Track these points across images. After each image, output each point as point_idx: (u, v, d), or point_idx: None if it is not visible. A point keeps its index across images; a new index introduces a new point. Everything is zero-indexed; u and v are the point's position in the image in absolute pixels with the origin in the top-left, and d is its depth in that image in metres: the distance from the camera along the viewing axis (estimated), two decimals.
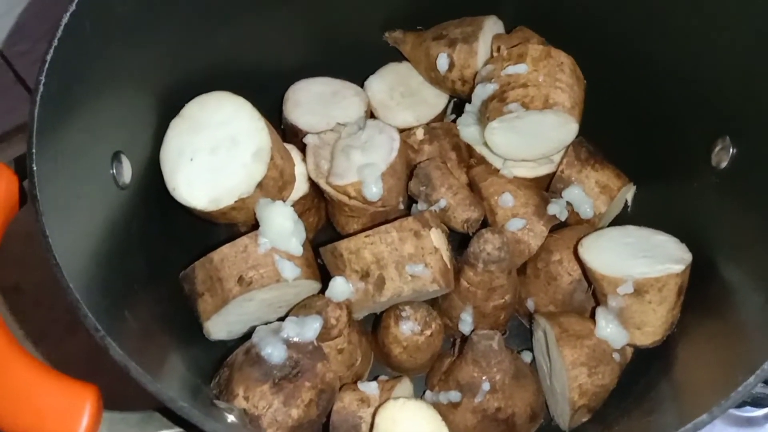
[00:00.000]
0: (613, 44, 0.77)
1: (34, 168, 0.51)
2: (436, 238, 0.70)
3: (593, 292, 0.72)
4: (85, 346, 0.92)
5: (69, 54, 0.57)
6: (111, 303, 0.53)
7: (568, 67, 0.74)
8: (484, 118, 0.76)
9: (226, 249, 0.69)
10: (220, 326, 0.71)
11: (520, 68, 0.74)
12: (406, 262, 0.69)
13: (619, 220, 0.83)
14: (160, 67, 0.70)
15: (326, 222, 0.84)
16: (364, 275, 0.69)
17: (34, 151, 0.52)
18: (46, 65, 0.55)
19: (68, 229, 0.53)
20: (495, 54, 0.79)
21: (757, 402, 0.78)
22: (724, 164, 0.67)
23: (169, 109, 0.72)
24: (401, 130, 0.80)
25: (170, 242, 0.74)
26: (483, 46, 0.81)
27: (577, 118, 0.74)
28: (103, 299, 0.52)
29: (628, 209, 0.84)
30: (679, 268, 0.66)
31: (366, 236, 0.69)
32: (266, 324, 0.72)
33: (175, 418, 0.49)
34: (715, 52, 0.67)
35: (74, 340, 0.93)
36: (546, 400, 0.74)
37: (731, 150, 0.66)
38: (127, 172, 0.66)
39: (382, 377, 0.74)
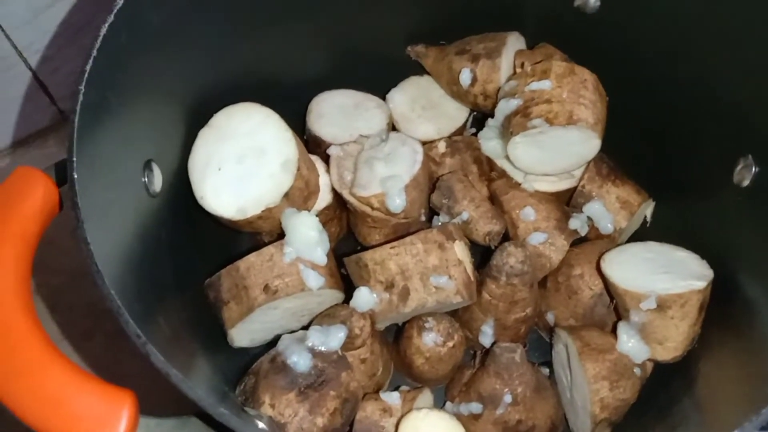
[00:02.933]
0: (635, 61, 0.78)
1: (75, 176, 0.52)
2: (460, 250, 0.71)
3: (615, 306, 0.73)
4: (101, 352, 0.93)
5: (106, 64, 0.58)
6: (145, 310, 0.54)
7: (591, 83, 0.75)
8: (507, 132, 0.77)
9: (252, 257, 0.70)
10: (243, 334, 0.72)
11: (544, 84, 0.75)
12: (430, 273, 0.69)
13: (638, 236, 0.84)
14: (189, 77, 0.71)
15: (347, 232, 0.85)
16: (389, 286, 0.70)
17: (74, 159, 0.52)
18: (86, 75, 0.56)
19: (105, 237, 0.54)
20: (518, 70, 0.80)
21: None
22: (746, 183, 0.68)
23: (198, 118, 0.73)
24: (423, 143, 0.81)
25: (195, 250, 0.75)
26: (506, 62, 0.82)
27: (599, 134, 0.75)
28: (139, 306, 0.52)
29: (647, 225, 0.85)
30: (701, 284, 0.66)
31: (391, 247, 0.70)
32: (289, 333, 0.72)
33: (210, 424, 0.50)
34: (738, 70, 0.68)
35: (90, 346, 0.93)
36: (565, 413, 0.75)
37: (753, 168, 0.67)
38: (158, 180, 0.67)
39: (404, 387, 0.75)
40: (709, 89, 0.71)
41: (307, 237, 0.71)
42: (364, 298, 0.70)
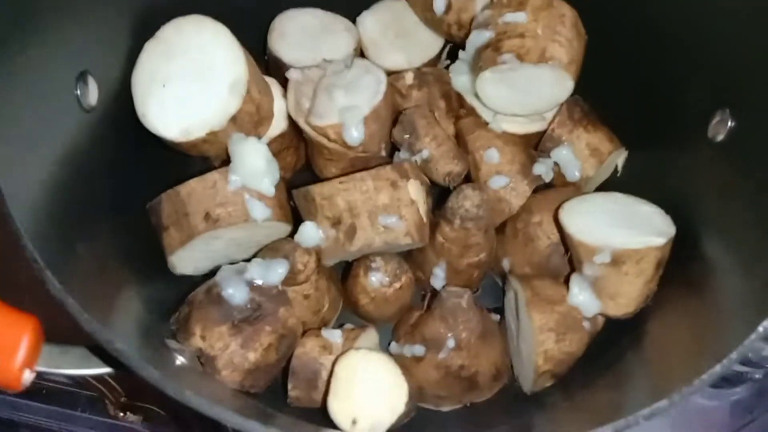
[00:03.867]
0: (618, 1, 0.72)
1: None
2: (414, 190, 0.68)
3: (569, 257, 0.70)
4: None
5: None
6: (60, 234, 0.51)
7: (569, 20, 0.70)
8: (476, 67, 0.73)
9: (193, 183, 0.66)
10: (185, 261, 0.69)
11: (519, 17, 0.70)
12: (379, 212, 0.66)
13: (608, 185, 0.80)
14: None
15: (305, 162, 0.81)
16: (336, 222, 0.67)
17: None
18: None
19: (18, 151, 0.50)
20: None
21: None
22: (720, 137, 0.64)
23: (144, 30, 0.68)
24: (390, 73, 0.76)
25: (140, 171, 0.71)
26: None
27: (573, 75, 0.70)
28: (52, 229, 0.49)
29: (618, 174, 0.81)
30: (660, 241, 0.63)
31: (340, 182, 0.67)
32: (234, 263, 0.70)
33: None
34: (721, 20, 0.63)
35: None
36: (512, 360, 0.73)
37: (729, 123, 0.63)
38: (93, 93, 0.62)
39: (348, 325, 0.73)
40: (692, 37, 0.67)
41: (255, 165, 0.67)
42: (310, 233, 0.67)
